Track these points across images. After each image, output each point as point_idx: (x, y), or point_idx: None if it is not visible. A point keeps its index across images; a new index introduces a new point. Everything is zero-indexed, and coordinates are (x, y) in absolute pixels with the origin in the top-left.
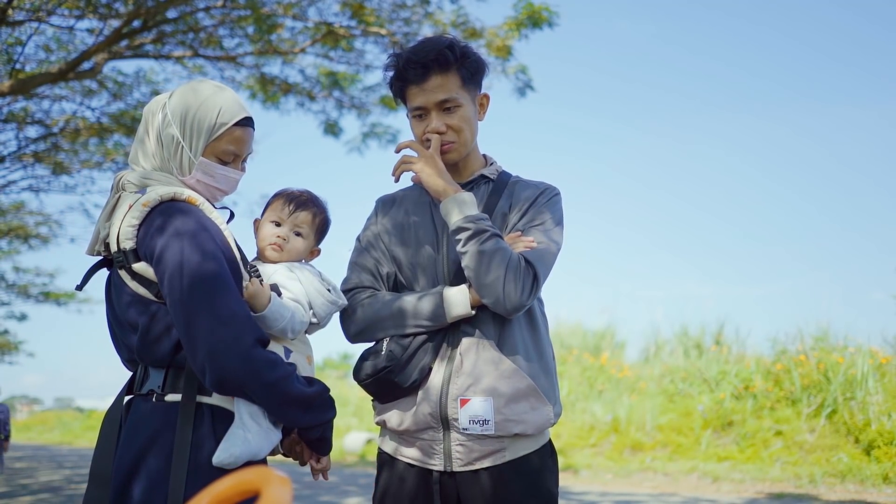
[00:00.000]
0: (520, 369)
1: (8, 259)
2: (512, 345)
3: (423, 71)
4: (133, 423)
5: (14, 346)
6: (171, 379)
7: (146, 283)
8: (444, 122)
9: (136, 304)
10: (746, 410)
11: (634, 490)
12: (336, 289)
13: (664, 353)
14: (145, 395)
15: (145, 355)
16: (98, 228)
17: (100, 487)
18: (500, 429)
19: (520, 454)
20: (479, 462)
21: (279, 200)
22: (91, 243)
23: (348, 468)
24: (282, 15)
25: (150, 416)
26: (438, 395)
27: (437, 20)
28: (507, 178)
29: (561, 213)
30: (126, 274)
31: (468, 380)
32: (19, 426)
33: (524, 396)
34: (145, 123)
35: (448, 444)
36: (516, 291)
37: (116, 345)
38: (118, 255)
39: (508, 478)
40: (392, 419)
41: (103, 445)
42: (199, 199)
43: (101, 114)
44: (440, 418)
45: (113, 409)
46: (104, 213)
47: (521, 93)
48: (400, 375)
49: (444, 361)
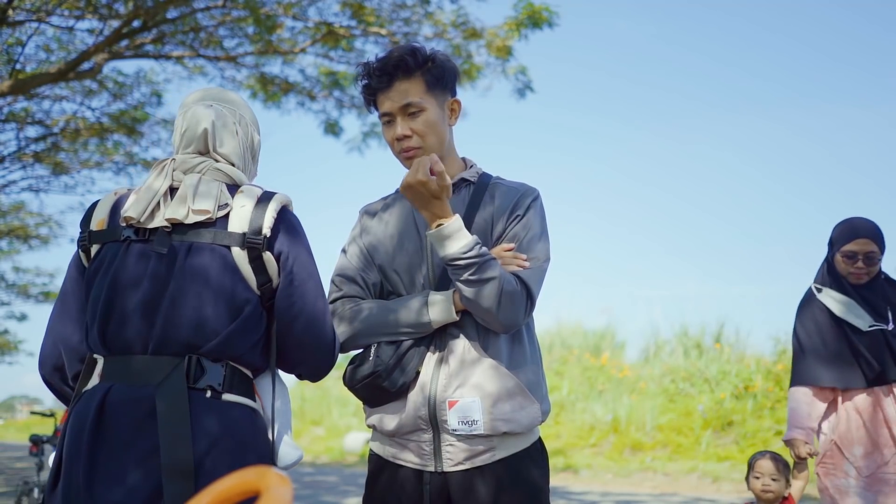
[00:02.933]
0: (506, 369)
1: (8, 259)
2: (496, 345)
3: (388, 77)
4: (197, 419)
5: (14, 346)
6: (229, 377)
7: (263, 273)
8: (408, 126)
9: (243, 290)
10: (746, 410)
11: (634, 490)
12: None
13: (664, 353)
14: (201, 389)
15: (229, 344)
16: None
17: (182, 481)
18: (489, 428)
19: (510, 452)
20: (470, 462)
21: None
22: (144, 209)
23: (348, 468)
24: (282, 15)
25: (214, 413)
26: (427, 397)
27: (437, 20)
28: (488, 179)
29: (545, 219)
30: (245, 258)
31: (456, 381)
32: (19, 426)
33: (512, 395)
34: (233, 115)
35: (438, 444)
36: (513, 315)
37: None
38: (255, 237)
39: (499, 476)
40: (382, 422)
41: (177, 437)
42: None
43: (101, 114)
44: (429, 420)
45: (177, 398)
46: (187, 189)
47: (520, 93)
48: (388, 380)
49: (432, 364)
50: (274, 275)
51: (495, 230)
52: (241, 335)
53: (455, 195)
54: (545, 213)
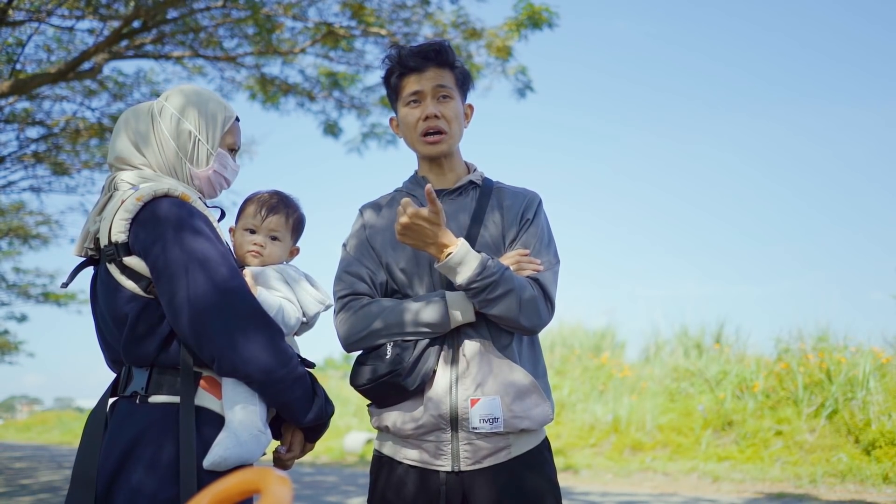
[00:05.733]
0: (522, 367)
1: (8, 260)
2: (509, 346)
3: (423, 61)
4: (117, 426)
5: (14, 346)
6: (155, 380)
7: (136, 277)
8: (438, 109)
9: (123, 300)
10: (746, 410)
11: (634, 490)
12: (322, 288)
13: (664, 353)
14: (129, 396)
15: (130, 353)
16: (87, 227)
17: (83, 489)
18: (509, 425)
19: (523, 450)
20: (486, 460)
21: (251, 207)
22: (79, 242)
23: (348, 468)
24: (282, 15)
25: (134, 418)
26: (447, 396)
27: (437, 20)
28: (491, 184)
29: (548, 223)
30: (116, 269)
31: (476, 380)
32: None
33: (528, 393)
34: (147, 122)
35: (456, 444)
36: (536, 319)
37: (103, 345)
38: (109, 248)
39: (515, 473)
40: (396, 422)
41: (87, 447)
42: (193, 196)
43: (102, 114)
44: (450, 419)
45: (97, 410)
46: (94, 211)
47: (520, 94)
48: (407, 379)
49: (449, 364)
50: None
51: (507, 236)
52: (134, 343)
53: (463, 197)
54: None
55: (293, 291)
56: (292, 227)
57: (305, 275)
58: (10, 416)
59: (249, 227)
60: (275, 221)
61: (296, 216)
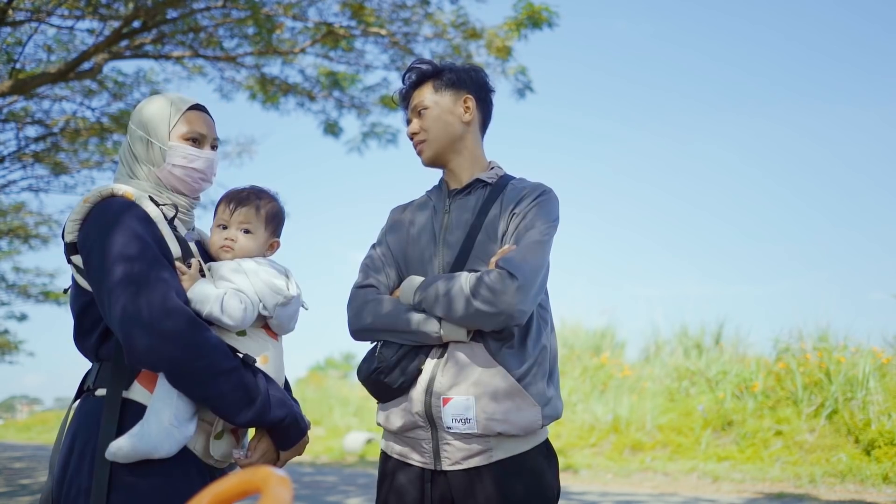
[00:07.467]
0: (506, 370)
1: (8, 259)
2: (500, 348)
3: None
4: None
5: (14, 346)
6: (100, 374)
7: (83, 273)
8: (417, 124)
9: (75, 296)
10: (746, 410)
11: (634, 490)
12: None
13: (664, 353)
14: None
15: (79, 347)
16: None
17: (48, 481)
18: (483, 428)
19: (511, 454)
20: (468, 461)
21: (222, 202)
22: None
23: (348, 468)
24: (282, 15)
25: (81, 411)
26: (423, 395)
27: (437, 20)
28: (507, 181)
29: (549, 210)
30: (73, 267)
31: (452, 378)
32: (19, 426)
33: (508, 396)
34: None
35: (436, 442)
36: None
37: None
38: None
39: (500, 478)
40: (388, 420)
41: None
42: (137, 194)
43: (101, 114)
44: (426, 417)
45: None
46: None
47: (520, 94)
48: (389, 377)
49: (434, 361)
50: None
51: (499, 229)
52: (82, 337)
53: (471, 195)
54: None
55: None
56: (265, 219)
57: (282, 268)
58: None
59: (221, 223)
60: (244, 214)
61: (269, 207)
